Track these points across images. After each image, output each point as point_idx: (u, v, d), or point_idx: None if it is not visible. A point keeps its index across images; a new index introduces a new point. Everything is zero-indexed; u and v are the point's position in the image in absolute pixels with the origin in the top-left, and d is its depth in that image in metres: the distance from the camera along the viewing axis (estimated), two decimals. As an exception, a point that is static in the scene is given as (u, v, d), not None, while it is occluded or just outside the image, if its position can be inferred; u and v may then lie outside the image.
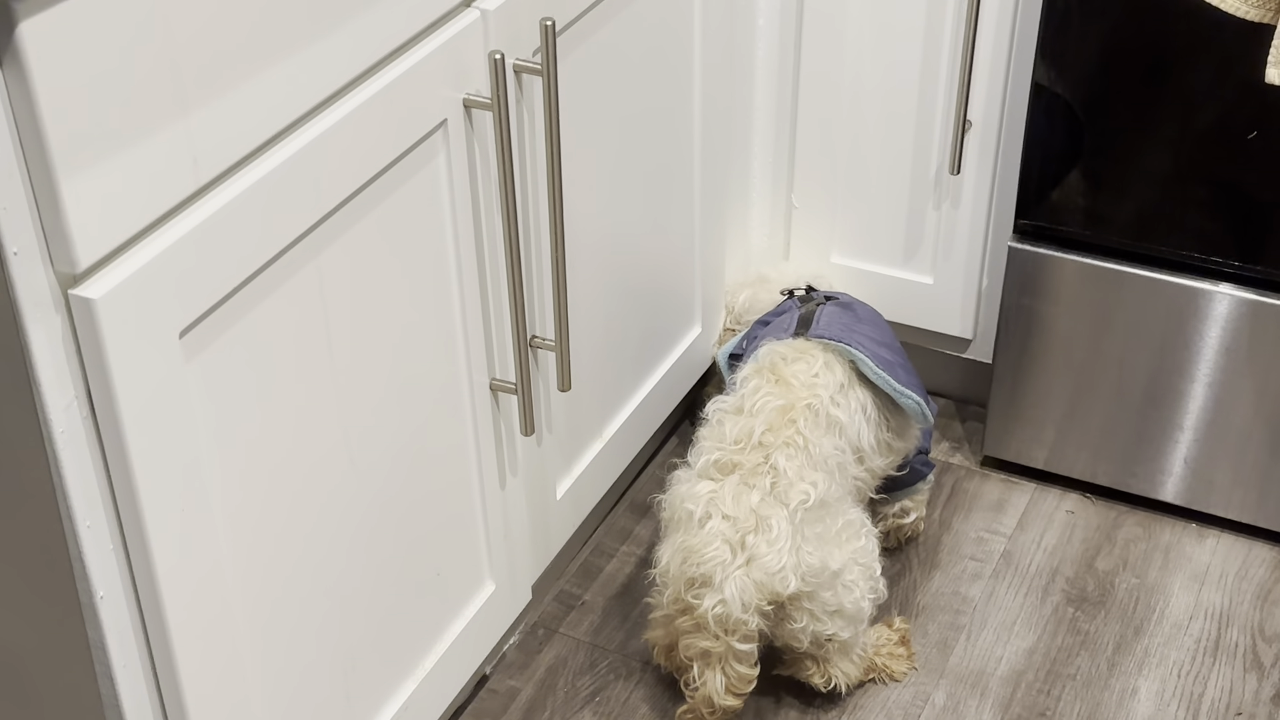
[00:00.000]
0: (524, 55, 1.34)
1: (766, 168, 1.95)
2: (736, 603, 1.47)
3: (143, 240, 1.01)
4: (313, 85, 1.13)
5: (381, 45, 1.19)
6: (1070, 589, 1.82)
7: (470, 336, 1.40)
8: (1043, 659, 1.73)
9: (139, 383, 1.02)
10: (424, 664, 1.47)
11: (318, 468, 1.24)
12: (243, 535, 1.16)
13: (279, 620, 1.23)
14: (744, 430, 1.54)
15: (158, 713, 1.14)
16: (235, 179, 1.07)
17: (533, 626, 1.78)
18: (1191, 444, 1.83)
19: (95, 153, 0.94)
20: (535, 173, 1.42)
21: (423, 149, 1.26)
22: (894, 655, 1.69)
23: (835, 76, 1.83)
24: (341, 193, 1.18)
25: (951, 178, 1.82)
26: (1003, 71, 1.75)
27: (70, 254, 0.95)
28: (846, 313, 1.70)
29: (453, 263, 1.35)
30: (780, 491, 1.50)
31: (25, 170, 0.92)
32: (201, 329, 1.07)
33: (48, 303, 0.96)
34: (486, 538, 1.53)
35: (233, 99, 1.05)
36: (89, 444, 1.02)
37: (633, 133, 1.62)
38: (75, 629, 1.04)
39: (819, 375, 1.59)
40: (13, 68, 0.88)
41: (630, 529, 1.92)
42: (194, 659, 1.13)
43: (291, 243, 1.14)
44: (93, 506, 1.04)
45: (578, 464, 1.70)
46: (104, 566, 1.06)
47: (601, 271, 1.63)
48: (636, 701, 1.69)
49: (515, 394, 1.46)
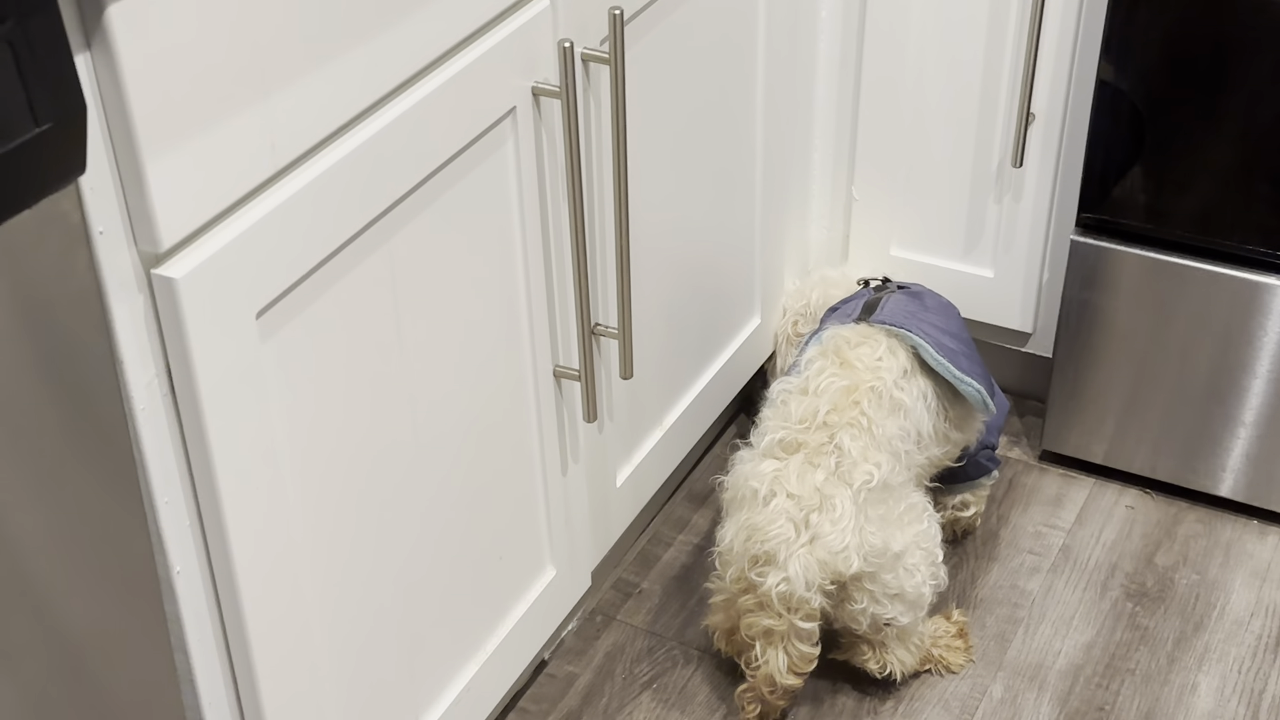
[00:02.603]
0: (591, 44, 1.36)
1: (827, 159, 1.95)
2: (800, 580, 1.48)
3: (222, 222, 1.03)
4: (387, 72, 1.14)
5: (454, 33, 1.21)
6: (1129, 584, 1.81)
7: (535, 323, 1.41)
8: (1101, 653, 1.73)
9: (217, 361, 1.04)
10: (486, 647, 1.49)
11: (386, 449, 1.26)
12: (314, 514, 1.18)
13: (347, 598, 1.25)
14: (809, 410, 1.55)
15: (229, 686, 1.17)
16: (311, 163, 1.09)
17: (591, 613, 1.79)
18: (1253, 440, 1.82)
19: (179, 136, 0.97)
20: (601, 161, 1.43)
21: (492, 136, 1.28)
22: (951, 647, 1.70)
23: (898, 69, 1.84)
24: (413, 178, 1.19)
25: (1013, 170, 1.82)
26: (1067, 64, 1.74)
27: (154, 234, 0.97)
28: (913, 301, 1.70)
29: (519, 249, 1.36)
30: (844, 471, 1.51)
31: (112, 152, 0.94)
32: (277, 310, 1.09)
33: (131, 282, 0.98)
34: (548, 523, 1.54)
35: (310, 84, 1.06)
36: (168, 421, 1.04)
37: (696, 122, 1.63)
38: (152, 603, 1.06)
39: (883, 359, 1.60)
40: (101, 51, 0.91)
41: (688, 518, 1.93)
42: (266, 634, 1.15)
43: (364, 227, 1.15)
44: (171, 483, 1.06)
45: (638, 452, 1.72)
46: (181, 542, 1.08)
47: (663, 261, 1.64)
48: (695, 687, 1.70)
49: (578, 381, 1.47)
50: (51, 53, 0.85)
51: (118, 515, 1.04)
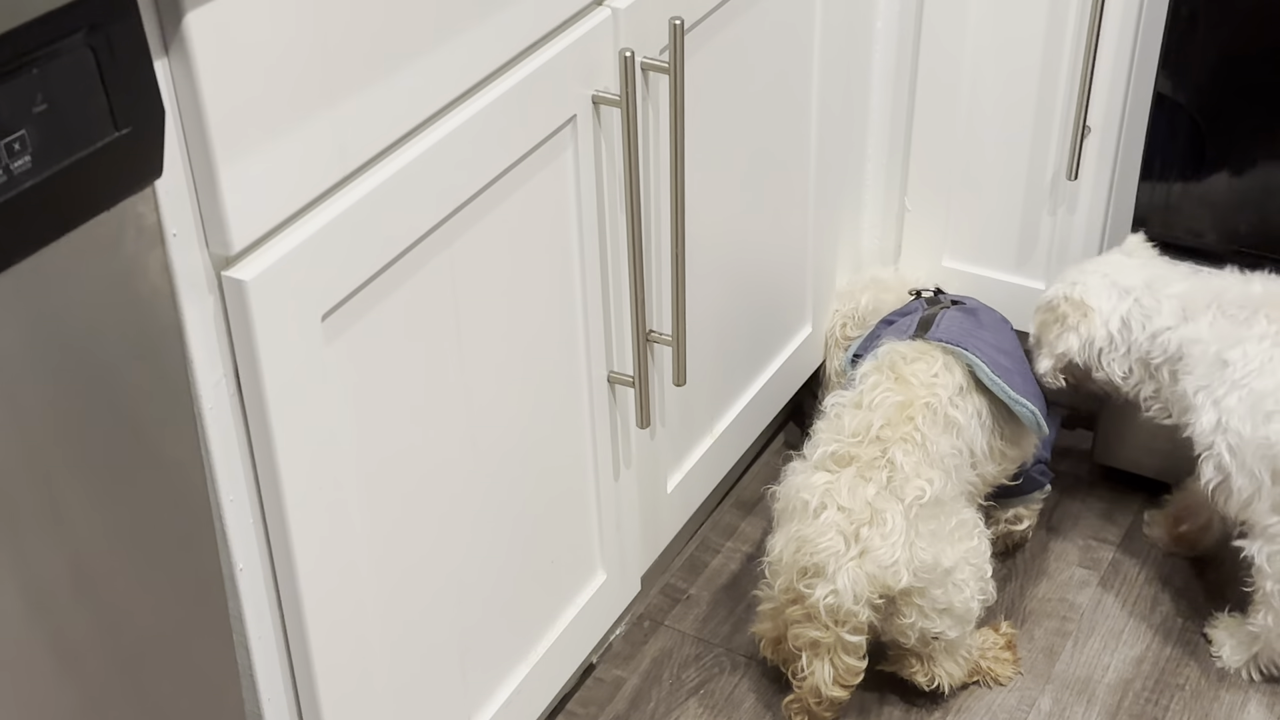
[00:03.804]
0: (651, 53, 1.37)
1: (880, 169, 1.95)
2: (848, 593, 1.48)
3: (291, 225, 1.05)
4: (451, 80, 1.16)
5: (517, 41, 1.22)
6: (1180, 599, 1.80)
7: (590, 329, 1.43)
8: (1151, 668, 1.72)
9: (283, 362, 1.05)
10: (537, 649, 1.50)
11: (443, 451, 1.27)
12: (372, 515, 1.20)
13: (403, 599, 1.26)
14: (862, 424, 1.56)
15: (288, 684, 1.18)
16: (378, 168, 1.11)
17: (639, 618, 1.80)
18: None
19: (251, 140, 0.98)
20: (658, 169, 1.45)
21: (552, 143, 1.29)
22: (999, 659, 1.69)
23: (952, 80, 1.84)
24: (476, 184, 1.21)
25: (1068, 183, 1.82)
26: (1124, 78, 1.74)
27: (225, 237, 0.99)
28: (969, 318, 1.71)
29: (576, 255, 1.38)
30: (896, 486, 1.51)
31: (187, 156, 0.96)
32: (341, 313, 1.10)
33: (202, 283, 1.00)
34: (599, 528, 1.55)
35: (378, 90, 1.08)
36: (234, 421, 1.06)
37: (751, 132, 1.64)
38: (216, 600, 1.07)
39: (938, 376, 1.60)
40: (179, 57, 0.92)
41: (736, 525, 1.93)
42: (325, 632, 1.17)
43: (427, 232, 1.17)
44: (236, 482, 1.08)
45: (688, 458, 1.72)
46: (244, 540, 1.10)
47: (717, 269, 1.65)
48: (742, 694, 1.70)
49: (632, 386, 1.48)
50: (132, 59, 0.86)
51: (182, 513, 1.06)
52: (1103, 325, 1.66)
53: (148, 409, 0.97)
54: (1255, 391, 1.54)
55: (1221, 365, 1.57)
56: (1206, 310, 1.61)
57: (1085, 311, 1.67)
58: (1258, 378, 1.54)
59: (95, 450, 0.94)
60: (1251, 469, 1.55)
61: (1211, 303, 1.61)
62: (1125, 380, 1.68)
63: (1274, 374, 1.53)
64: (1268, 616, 1.61)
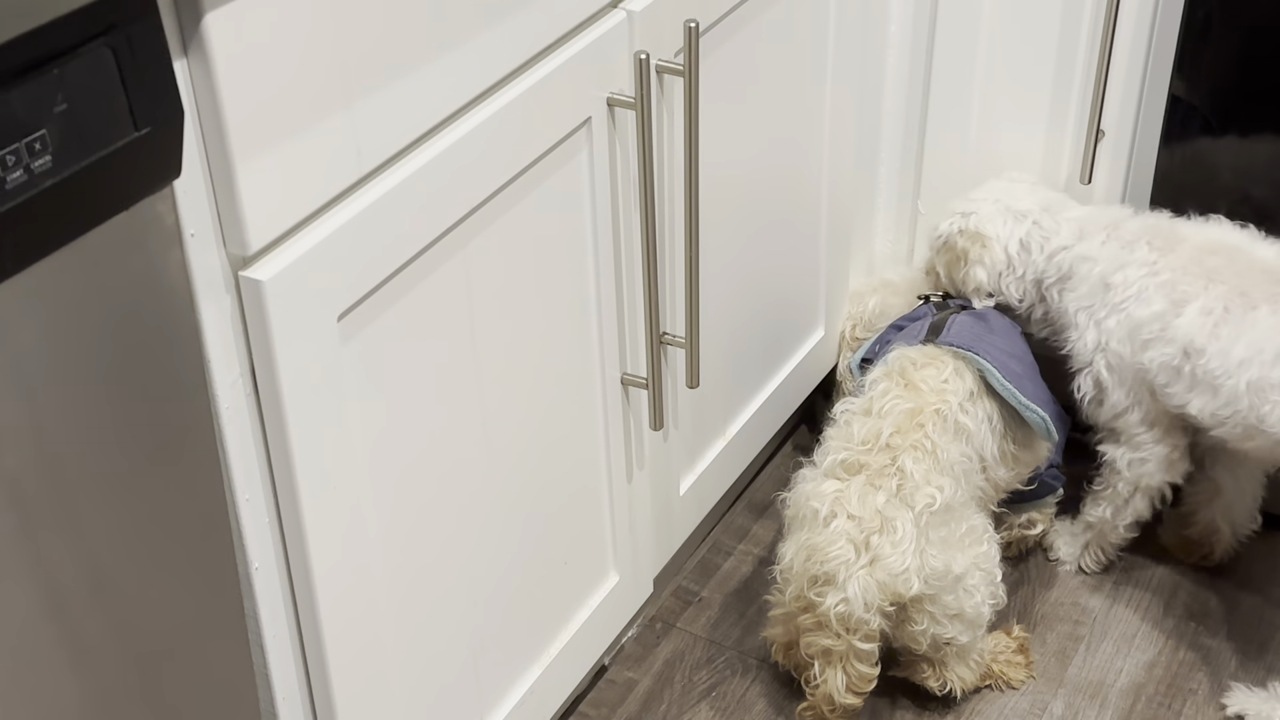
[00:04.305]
0: (666, 56, 1.37)
1: (893, 174, 1.95)
2: (859, 602, 1.48)
3: (308, 226, 1.05)
4: (467, 81, 1.16)
5: (532, 44, 1.22)
6: (1193, 604, 1.80)
7: (604, 330, 1.43)
8: (1164, 673, 1.72)
9: (299, 362, 1.06)
10: (549, 650, 1.50)
11: (457, 451, 1.27)
12: (387, 514, 1.20)
13: (417, 599, 1.27)
14: (872, 431, 1.56)
15: (303, 683, 1.19)
16: (394, 170, 1.11)
17: (651, 620, 1.80)
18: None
19: (269, 141, 0.99)
20: (672, 171, 1.45)
21: (567, 145, 1.30)
22: (1012, 663, 1.69)
23: (966, 83, 1.84)
24: (490, 185, 1.21)
25: (1082, 187, 1.82)
26: (1138, 81, 1.74)
27: (243, 237, 0.99)
28: (979, 323, 1.71)
29: (590, 257, 1.38)
30: (906, 494, 1.51)
31: (205, 156, 0.97)
32: (357, 313, 1.11)
33: (219, 283, 1.01)
34: (612, 530, 1.56)
35: (394, 92, 1.08)
36: (251, 420, 1.06)
37: (764, 135, 1.64)
38: (231, 599, 1.08)
39: (948, 381, 1.60)
40: (198, 57, 0.93)
41: (748, 528, 1.93)
42: (340, 631, 1.17)
43: (443, 233, 1.17)
44: (252, 481, 1.08)
45: (701, 461, 1.73)
46: (260, 539, 1.10)
47: (730, 271, 1.65)
48: (753, 698, 1.70)
49: (646, 389, 1.48)
50: (152, 59, 0.87)
51: (198, 512, 1.06)
52: (1002, 251, 1.73)
53: (165, 408, 0.97)
54: (1133, 318, 1.62)
55: (1105, 288, 1.65)
56: (1100, 231, 1.69)
57: (984, 242, 1.74)
58: (1135, 304, 1.62)
59: (111, 449, 0.94)
60: (1130, 387, 1.65)
61: (1106, 226, 1.69)
62: (1020, 304, 1.76)
63: (1150, 304, 1.61)
64: (1107, 510, 1.74)
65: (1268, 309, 1.54)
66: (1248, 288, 1.56)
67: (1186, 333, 1.57)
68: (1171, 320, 1.58)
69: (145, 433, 0.96)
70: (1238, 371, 1.54)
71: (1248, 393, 1.54)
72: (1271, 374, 1.52)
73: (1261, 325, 1.54)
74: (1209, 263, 1.60)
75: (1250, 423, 1.55)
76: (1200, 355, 1.56)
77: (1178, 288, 1.59)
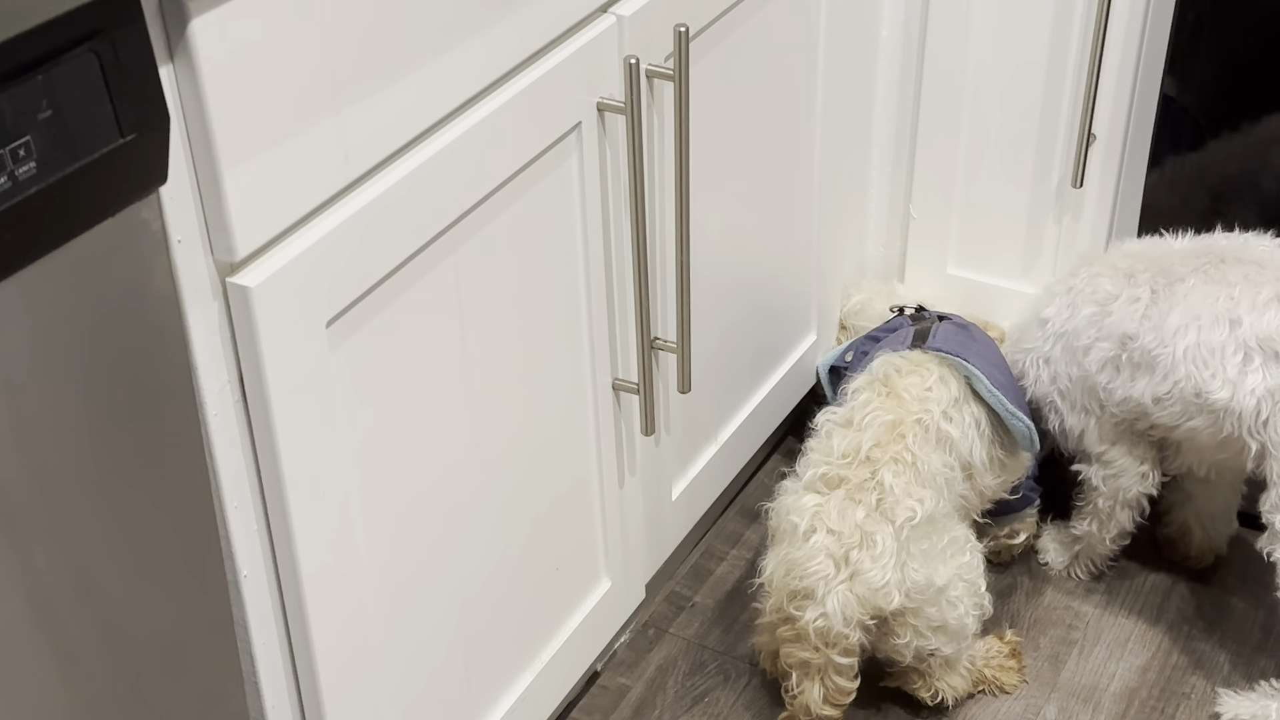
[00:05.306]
0: (656, 60, 1.37)
1: (885, 178, 1.95)
2: (838, 616, 1.48)
3: (296, 232, 1.05)
4: (457, 86, 1.16)
5: (522, 48, 1.22)
6: (1185, 607, 1.80)
7: (595, 336, 1.43)
8: (1157, 676, 1.72)
9: (287, 369, 1.05)
10: (541, 656, 1.50)
11: (447, 458, 1.27)
12: (377, 521, 1.20)
13: (407, 605, 1.26)
14: (852, 444, 1.55)
15: (292, 690, 1.18)
16: (383, 175, 1.11)
17: (643, 626, 1.80)
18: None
19: (256, 147, 0.98)
20: (663, 176, 1.45)
21: (557, 150, 1.29)
22: (1004, 668, 1.69)
23: (957, 87, 1.84)
24: (480, 191, 1.21)
25: (1073, 191, 1.82)
26: (1129, 85, 1.74)
27: (230, 243, 0.99)
28: (962, 332, 1.71)
29: (581, 263, 1.38)
30: (886, 508, 1.51)
31: (191, 162, 0.96)
32: (346, 320, 1.10)
33: (206, 290, 1.00)
34: (604, 535, 1.55)
35: (382, 97, 1.08)
36: (239, 427, 1.06)
37: (755, 140, 1.64)
38: (220, 606, 1.07)
39: (932, 389, 1.60)
40: (184, 63, 0.92)
41: (740, 533, 1.93)
42: (329, 638, 1.17)
43: (432, 239, 1.17)
44: (240, 488, 1.08)
45: (693, 466, 1.72)
46: (249, 547, 1.10)
47: (721, 276, 1.65)
48: (746, 703, 1.70)
49: (637, 394, 1.48)
50: (137, 65, 0.86)
51: (187, 520, 1.06)
52: None
53: (152, 415, 0.97)
54: (1070, 334, 1.68)
55: (1041, 324, 1.72)
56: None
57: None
58: (1070, 321, 1.67)
59: (99, 456, 0.94)
60: (1082, 405, 1.69)
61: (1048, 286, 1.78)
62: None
63: (1080, 310, 1.67)
64: (1093, 524, 1.77)
65: (1195, 280, 1.58)
66: (1168, 268, 1.61)
67: (1119, 324, 1.62)
68: (1103, 320, 1.64)
69: (132, 440, 0.96)
70: (1173, 340, 1.57)
71: (1185, 360, 1.56)
72: (1210, 337, 1.55)
73: (1194, 294, 1.57)
74: (1124, 264, 1.66)
75: (1188, 397, 1.57)
76: (1134, 340, 1.61)
77: (1101, 289, 1.65)
